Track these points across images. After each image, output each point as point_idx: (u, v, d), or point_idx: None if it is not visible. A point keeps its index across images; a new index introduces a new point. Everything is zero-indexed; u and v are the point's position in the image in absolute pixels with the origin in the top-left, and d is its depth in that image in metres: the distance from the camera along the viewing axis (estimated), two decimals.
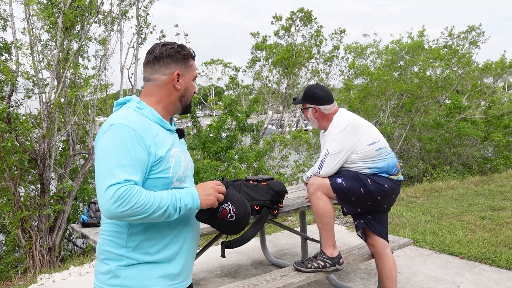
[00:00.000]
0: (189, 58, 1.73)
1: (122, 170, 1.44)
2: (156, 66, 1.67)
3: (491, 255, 4.22)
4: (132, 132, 1.49)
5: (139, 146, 1.49)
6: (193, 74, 1.75)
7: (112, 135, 1.48)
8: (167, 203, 1.50)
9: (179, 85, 1.69)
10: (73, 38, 6.61)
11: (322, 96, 3.07)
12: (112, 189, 1.40)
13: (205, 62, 13.42)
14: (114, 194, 1.40)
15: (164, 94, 1.68)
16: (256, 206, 2.94)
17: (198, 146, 8.83)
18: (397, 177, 3.01)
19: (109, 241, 1.58)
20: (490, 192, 7.08)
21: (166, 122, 1.68)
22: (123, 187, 1.41)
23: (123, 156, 1.45)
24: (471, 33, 14.39)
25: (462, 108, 12.59)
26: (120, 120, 1.51)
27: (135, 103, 1.64)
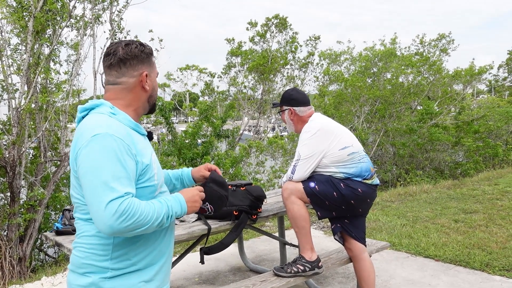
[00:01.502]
0: (151, 55, 1.66)
1: (119, 183, 1.37)
2: (123, 69, 1.58)
3: (465, 257, 4.30)
4: (119, 142, 1.42)
5: (128, 156, 1.43)
6: (156, 72, 1.70)
7: (99, 146, 1.40)
8: (162, 212, 1.47)
9: (148, 86, 1.62)
10: (44, 42, 6.44)
11: (298, 98, 3.12)
12: (114, 204, 1.34)
13: (180, 68, 13.35)
14: (117, 210, 1.34)
15: (134, 97, 1.60)
16: (235, 211, 2.92)
17: (174, 152, 8.73)
18: (371, 181, 3.02)
19: (92, 254, 1.51)
20: (462, 195, 7.24)
21: (140, 126, 1.62)
22: (125, 201, 1.36)
23: (117, 169, 1.39)
24: (441, 41, 14.81)
25: (434, 114, 12.89)
26: (103, 129, 1.43)
27: (108, 108, 1.55)
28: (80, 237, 1.55)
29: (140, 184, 1.51)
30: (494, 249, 4.48)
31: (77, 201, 1.53)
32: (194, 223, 2.88)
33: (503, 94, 26.89)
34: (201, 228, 2.76)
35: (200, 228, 2.76)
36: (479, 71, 14.17)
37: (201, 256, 2.83)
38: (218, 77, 13.40)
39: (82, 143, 1.43)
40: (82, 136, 1.44)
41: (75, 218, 1.57)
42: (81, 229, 1.55)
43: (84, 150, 1.41)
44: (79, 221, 1.56)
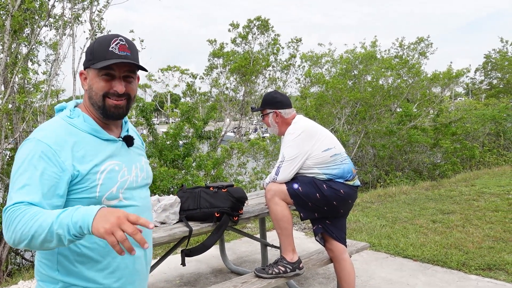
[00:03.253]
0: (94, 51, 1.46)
1: (20, 191, 1.27)
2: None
3: (443, 257, 4.39)
4: (43, 147, 1.33)
5: (48, 161, 1.31)
6: (95, 69, 1.45)
7: (21, 152, 1.35)
8: (51, 221, 1.17)
9: (85, 85, 1.51)
10: (22, 42, 6.34)
11: (282, 100, 3.14)
12: (5, 213, 1.25)
13: (161, 69, 13.25)
14: (4, 219, 1.24)
15: (85, 97, 1.51)
16: (216, 213, 2.92)
17: (155, 153, 8.66)
18: (353, 183, 3.07)
19: (42, 263, 1.44)
20: (440, 196, 7.37)
21: (102, 131, 1.48)
22: (12, 208, 1.23)
23: (25, 175, 1.29)
24: (420, 44, 15.08)
25: (413, 116, 13.11)
26: (34, 134, 1.38)
27: (68, 111, 1.47)
28: None
29: (75, 194, 1.37)
30: (471, 249, 4.58)
31: None
32: (175, 225, 2.87)
33: (480, 97, 27.49)
34: (183, 230, 2.76)
35: (182, 230, 2.75)
36: (457, 74, 14.48)
37: (183, 258, 2.83)
38: (200, 78, 13.35)
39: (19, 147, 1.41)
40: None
41: None
42: None
43: (16, 153, 1.39)
44: None
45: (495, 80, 26.91)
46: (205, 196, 2.99)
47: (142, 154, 1.67)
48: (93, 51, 1.45)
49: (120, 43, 1.44)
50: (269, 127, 3.22)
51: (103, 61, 1.42)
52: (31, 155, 1.32)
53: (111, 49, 1.42)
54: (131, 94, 1.51)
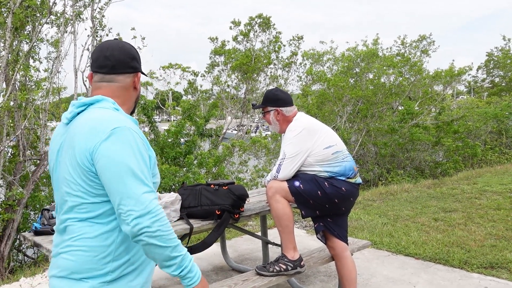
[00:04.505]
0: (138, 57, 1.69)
1: (145, 176, 1.40)
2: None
3: (445, 255, 4.37)
4: (137, 136, 1.45)
5: (145, 150, 1.46)
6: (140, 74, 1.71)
7: (122, 140, 1.40)
8: (182, 253, 1.44)
9: (138, 86, 1.67)
10: (23, 39, 6.33)
11: (284, 98, 3.12)
12: (149, 196, 1.37)
13: (163, 66, 13.27)
14: (152, 202, 1.37)
15: (128, 96, 1.63)
16: (217, 210, 2.91)
17: (156, 151, 8.67)
18: (354, 180, 3.05)
19: (93, 257, 1.44)
20: (442, 194, 7.35)
21: (137, 122, 1.63)
22: (155, 200, 1.40)
23: (140, 162, 1.41)
24: (422, 42, 15.02)
25: (414, 114, 13.08)
26: (121, 123, 1.43)
27: (111, 103, 1.53)
28: (77, 239, 1.45)
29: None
30: (473, 247, 4.56)
31: (78, 200, 1.45)
32: (176, 222, 2.86)
33: (482, 95, 27.41)
34: (184, 227, 2.75)
35: (183, 228, 2.74)
36: (459, 72, 14.43)
37: None
38: (202, 76, 13.36)
39: (100, 137, 1.39)
40: (97, 129, 1.41)
41: (69, 219, 1.47)
42: (77, 231, 1.45)
43: (105, 143, 1.39)
44: (76, 223, 1.46)
45: (497, 78, 26.83)
46: (206, 193, 2.98)
47: None
48: (139, 57, 1.68)
49: None
50: (270, 124, 3.20)
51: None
52: (136, 142, 1.44)
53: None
54: None
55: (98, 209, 1.44)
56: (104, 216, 1.45)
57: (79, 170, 1.42)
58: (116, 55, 1.57)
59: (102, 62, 1.57)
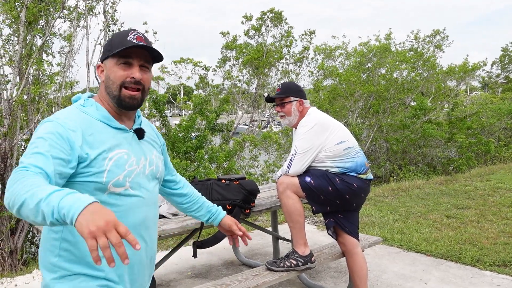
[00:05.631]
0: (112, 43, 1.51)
1: (33, 156, 1.26)
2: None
3: (457, 252, 4.33)
4: (59, 128, 1.36)
5: (60, 138, 1.33)
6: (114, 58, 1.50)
7: (40, 128, 1.37)
8: (41, 195, 1.09)
9: (102, 76, 1.53)
10: (36, 33, 6.38)
11: (303, 90, 3.16)
12: (12, 173, 1.21)
13: (174, 61, 13.27)
14: (9, 179, 1.19)
15: (101, 90, 1.54)
16: (228, 205, 2.91)
17: (167, 145, 8.70)
18: (366, 176, 3.03)
19: (44, 248, 1.41)
20: (454, 191, 7.28)
21: (113, 119, 1.50)
22: (20, 170, 1.20)
23: (40, 146, 1.29)
24: (436, 37, 14.85)
25: (427, 110, 12.95)
26: (52, 117, 1.42)
27: (82, 101, 1.51)
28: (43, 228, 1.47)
29: (82, 177, 1.37)
30: (485, 244, 4.51)
31: None
32: (187, 216, 2.87)
33: (496, 91, 27.04)
34: (194, 222, 2.76)
35: (193, 222, 2.75)
36: (473, 67, 14.24)
37: (194, 250, 2.82)
38: (213, 71, 13.34)
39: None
40: None
41: None
42: None
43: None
44: None
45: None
46: (217, 188, 2.98)
47: (154, 148, 1.67)
48: (111, 43, 1.50)
49: (137, 34, 1.50)
50: (289, 116, 3.09)
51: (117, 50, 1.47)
52: (47, 130, 1.34)
53: (129, 38, 1.47)
54: (146, 85, 1.53)
55: None
56: None
57: None
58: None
59: None
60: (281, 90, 3.11)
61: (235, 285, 2.65)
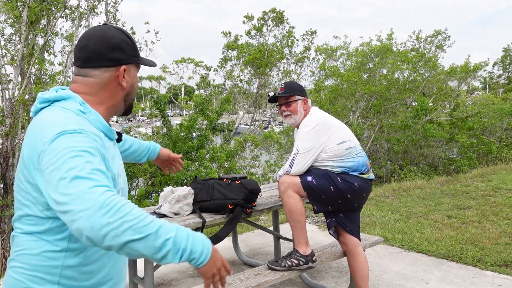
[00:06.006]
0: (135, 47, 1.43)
1: (96, 175, 1.11)
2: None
3: (458, 252, 4.33)
4: (91, 139, 1.20)
5: (100, 156, 1.20)
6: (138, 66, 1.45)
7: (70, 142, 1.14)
8: (170, 232, 1.10)
9: (125, 82, 1.38)
10: (38, 33, 6.39)
11: (305, 90, 3.17)
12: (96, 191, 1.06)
13: (176, 61, 13.29)
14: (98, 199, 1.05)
15: (109, 94, 1.36)
16: (230, 205, 2.91)
17: (169, 145, 8.71)
18: (367, 176, 3.03)
19: (35, 277, 1.23)
20: (455, 191, 7.27)
21: (113, 130, 1.38)
22: (108, 192, 1.08)
23: (91, 160, 1.14)
24: (437, 37, 14.84)
25: (428, 110, 12.94)
26: (72, 126, 1.18)
27: (77, 104, 1.28)
28: (20, 255, 1.25)
29: None
30: (487, 244, 4.51)
31: (25, 210, 1.23)
32: (189, 216, 2.87)
33: (498, 91, 27.01)
34: (196, 221, 2.76)
35: (195, 221, 2.75)
36: (474, 68, 14.23)
37: None
38: (214, 71, 13.37)
39: (46, 140, 1.16)
40: (43, 133, 1.18)
41: (17, 228, 1.27)
42: (21, 245, 1.24)
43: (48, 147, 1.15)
44: (20, 235, 1.25)
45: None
46: (219, 187, 2.98)
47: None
48: (135, 46, 1.41)
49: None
50: (295, 114, 3.08)
51: (143, 59, 1.45)
52: (87, 145, 1.17)
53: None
54: None
55: (44, 224, 1.22)
56: (50, 234, 1.22)
57: (30, 176, 1.21)
58: (91, 46, 1.32)
59: (76, 54, 1.34)
60: (285, 89, 3.10)
61: (236, 284, 2.65)
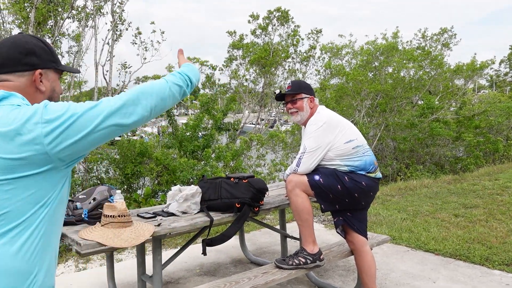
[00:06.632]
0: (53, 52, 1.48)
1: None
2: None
3: (465, 251, 4.32)
4: None
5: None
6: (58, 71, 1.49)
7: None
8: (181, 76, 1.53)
9: (43, 86, 1.41)
10: (45, 34, 6.43)
11: (313, 89, 3.17)
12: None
13: None
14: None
15: (29, 98, 1.37)
16: (237, 203, 2.92)
17: (175, 144, 8.74)
18: (374, 175, 3.04)
19: None
20: (462, 190, 7.25)
21: None
22: None
23: None
24: (443, 35, 14.76)
25: (435, 108, 12.87)
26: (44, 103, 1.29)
27: (21, 100, 1.33)
28: None
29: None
30: (494, 243, 4.50)
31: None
32: (197, 214, 2.89)
33: (504, 90, 26.83)
34: (204, 220, 2.78)
35: (203, 220, 2.77)
36: (481, 66, 14.13)
37: (204, 247, 2.85)
38: (220, 70, 13.38)
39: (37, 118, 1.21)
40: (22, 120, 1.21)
41: None
42: None
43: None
44: None
45: None
46: (226, 186, 3.00)
47: None
48: (53, 53, 1.47)
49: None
50: (301, 111, 3.09)
51: (63, 66, 1.52)
52: None
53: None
54: None
55: None
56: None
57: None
58: (4, 52, 1.36)
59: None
60: (292, 87, 3.13)
61: (244, 283, 2.67)
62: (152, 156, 7.68)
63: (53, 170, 1.26)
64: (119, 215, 2.41)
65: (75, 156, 1.29)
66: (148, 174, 7.64)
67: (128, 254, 4.54)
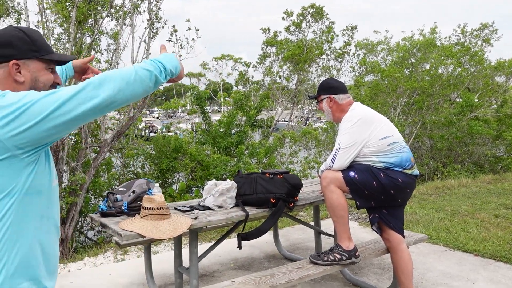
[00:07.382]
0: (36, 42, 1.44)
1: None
2: None
3: (506, 252, 4.18)
4: None
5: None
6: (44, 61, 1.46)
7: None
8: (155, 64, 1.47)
9: (21, 77, 1.41)
10: (86, 32, 6.62)
11: (336, 86, 3.14)
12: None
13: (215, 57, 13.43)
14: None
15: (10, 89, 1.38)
16: (272, 199, 2.94)
17: (208, 141, 8.84)
18: (411, 172, 2.98)
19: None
20: (503, 190, 7.01)
21: None
22: None
23: None
24: (484, 30, 14.24)
25: (474, 106, 12.47)
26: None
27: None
28: None
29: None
30: None
31: None
32: (232, 209, 2.92)
33: None
34: (239, 214, 2.80)
35: (238, 214, 2.80)
36: None
37: (239, 241, 2.88)
38: (253, 67, 13.41)
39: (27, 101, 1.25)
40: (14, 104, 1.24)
41: None
42: None
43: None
44: None
45: None
46: (261, 181, 3.01)
47: None
48: (35, 42, 1.44)
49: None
50: (325, 112, 3.21)
51: (51, 54, 1.47)
52: None
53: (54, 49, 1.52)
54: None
55: None
56: None
57: None
58: None
59: None
60: (317, 91, 3.24)
61: (279, 277, 2.68)
62: (186, 152, 7.80)
63: (12, 158, 1.25)
64: (157, 208, 2.47)
65: (36, 144, 1.28)
66: (183, 169, 7.76)
67: (164, 247, 4.64)
